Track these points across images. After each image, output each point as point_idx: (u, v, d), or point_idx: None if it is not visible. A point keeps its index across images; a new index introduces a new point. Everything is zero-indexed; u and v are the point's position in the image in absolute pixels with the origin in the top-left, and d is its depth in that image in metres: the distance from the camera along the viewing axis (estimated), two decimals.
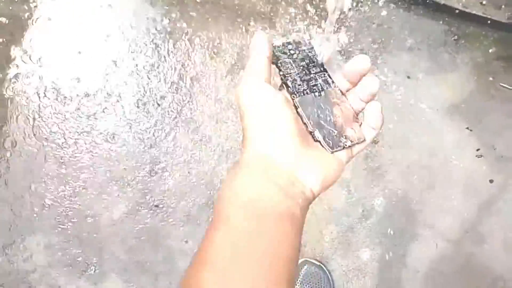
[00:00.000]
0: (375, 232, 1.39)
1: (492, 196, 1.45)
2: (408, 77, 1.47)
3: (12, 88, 1.38)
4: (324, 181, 0.40)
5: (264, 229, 0.35)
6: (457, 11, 1.46)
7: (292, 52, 0.46)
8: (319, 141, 0.42)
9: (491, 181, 1.44)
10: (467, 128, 1.46)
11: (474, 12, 1.46)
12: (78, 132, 1.37)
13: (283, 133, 0.39)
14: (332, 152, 0.42)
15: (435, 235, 1.42)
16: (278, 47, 0.46)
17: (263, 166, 0.38)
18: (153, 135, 1.39)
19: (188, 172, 1.38)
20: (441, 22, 1.51)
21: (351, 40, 1.45)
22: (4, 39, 1.40)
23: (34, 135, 1.36)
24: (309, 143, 0.41)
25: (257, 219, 0.36)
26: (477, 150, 1.46)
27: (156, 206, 1.36)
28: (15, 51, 1.40)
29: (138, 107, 1.40)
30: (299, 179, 0.39)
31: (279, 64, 0.44)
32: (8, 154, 1.35)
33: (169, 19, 1.45)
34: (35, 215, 1.33)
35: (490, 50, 1.50)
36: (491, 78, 1.49)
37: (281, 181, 0.38)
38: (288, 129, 0.39)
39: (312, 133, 0.42)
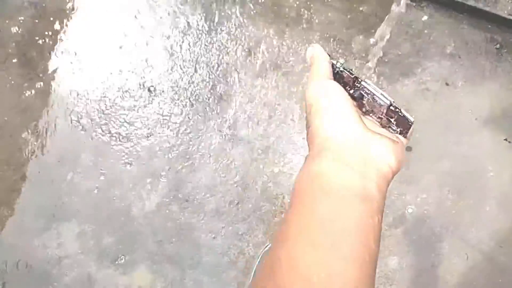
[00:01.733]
0: (404, 240, 1.37)
1: None
2: (447, 84, 1.44)
3: (55, 78, 1.42)
4: (397, 157, 0.41)
5: (336, 210, 0.37)
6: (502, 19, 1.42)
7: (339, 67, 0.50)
8: (393, 121, 0.46)
9: None
10: (505, 139, 1.43)
11: None
12: (115, 125, 1.41)
13: (350, 118, 0.42)
14: (403, 133, 0.46)
15: (466, 246, 1.39)
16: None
17: (335, 150, 0.40)
18: (187, 131, 1.41)
19: (219, 169, 1.39)
20: (483, 29, 1.47)
21: (391, 44, 1.44)
22: (50, 31, 1.44)
23: (73, 125, 1.40)
24: (373, 128, 0.44)
25: (330, 201, 0.37)
26: None
27: (187, 200, 1.38)
28: (59, 43, 1.44)
29: (174, 103, 1.42)
30: (373, 157, 0.40)
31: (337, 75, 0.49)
32: (47, 144, 1.39)
33: (206, 19, 1.46)
34: (70, 203, 1.37)
35: None
36: None
37: (354, 162, 0.39)
38: (354, 114, 0.42)
39: (384, 116, 0.46)
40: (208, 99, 1.43)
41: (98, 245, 1.36)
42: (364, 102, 0.47)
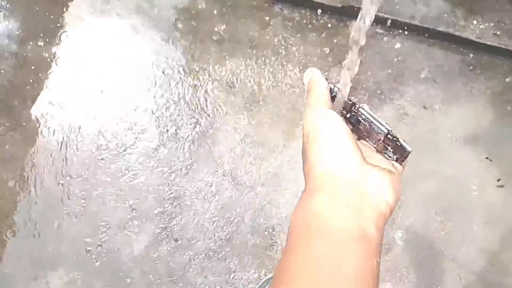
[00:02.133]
0: (396, 266, 1.37)
1: None
2: (425, 108, 1.48)
3: (37, 126, 1.43)
4: (395, 191, 0.40)
5: (334, 253, 0.35)
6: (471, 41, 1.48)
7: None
8: (389, 149, 0.45)
9: None
10: (487, 157, 1.45)
11: (488, 42, 1.47)
12: (100, 168, 1.41)
13: (348, 151, 0.40)
14: (399, 160, 0.45)
15: (458, 267, 1.39)
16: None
17: (332, 186, 0.38)
18: (173, 171, 1.41)
19: (207, 206, 1.39)
20: (456, 52, 1.52)
21: (367, 73, 1.47)
22: (31, 80, 1.45)
23: (57, 172, 1.40)
24: (371, 161, 0.42)
25: (327, 243, 0.36)
26: (498, 180, 1.44)
27: (176, 240, 1.37)
28: (40, 91, 1.45)
29: (160, 143, 1.43)
30: (370, 193, 0.39)
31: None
32: (32, 190, 1.38)
33: (186, 58, 1.49)
34: (58, 251, 1.35)
35: (507, 79, 1.50)
36: (508, 107, 1.49)
37: (351, 200, 0.38)
38: (352, 147, 0.41)
39: (381, 143, 0.45)
40: (193, 137, 1.44)
41: None
42: (360, 127, 0.46)
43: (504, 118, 1.48)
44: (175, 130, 1.44)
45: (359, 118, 0.46)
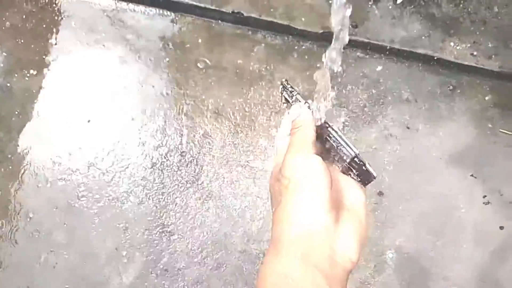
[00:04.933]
0: (389, 287, 1.37)
1: (504, 242, 1.43)
2: (408, 128, 1.50)
3: (24, 158, 1.41)
4: (361, 248, 0.41)
5: None
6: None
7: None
8: (355, 171, 0.46)
9: (501, 227, 1.43)
10: (472, 175, 1.47)
11: (466, 62, 1.52)
12: (87, 199, 1.39)
13: (327, 211, 0.40)
14: (363, 182, 0.46)
15: (451, 286, 1.39)
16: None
17: (305, 248, 0.39)
18: (160, 199, 1.41)
19: (197, 234, 1.38)
20: (435, 73, 1.56)
21: (350, 96, 1.50)
22: (17, 111, 1.45)
23: (44, 204, 1.38)
24: (340, 214, 0.42)
25: None
26: (484, 196, 1.46)
27: (166, 270, 1.35)
28: (26, 122, 1.45)
29: (146, 171, 1.43)
30: (339, 254, 0.39)
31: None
32: (19, 224, 1.36)
33: (173, 86, 1.51)
34: (44, 285, 1.32)
35: (486, 98, 1.54)
36: (489, 125, 1.52)
37: (323, 264, 0.38)
38: (329, 207, 0.40)
39: (347, 165, 0.45)
40: (180, 166, 1.44)
41: None
42: (328, 147, 0.47)
43: (486, 136, 1.52)
44: (162, 158, 1.44)
45: (327, 138, 0.47)
